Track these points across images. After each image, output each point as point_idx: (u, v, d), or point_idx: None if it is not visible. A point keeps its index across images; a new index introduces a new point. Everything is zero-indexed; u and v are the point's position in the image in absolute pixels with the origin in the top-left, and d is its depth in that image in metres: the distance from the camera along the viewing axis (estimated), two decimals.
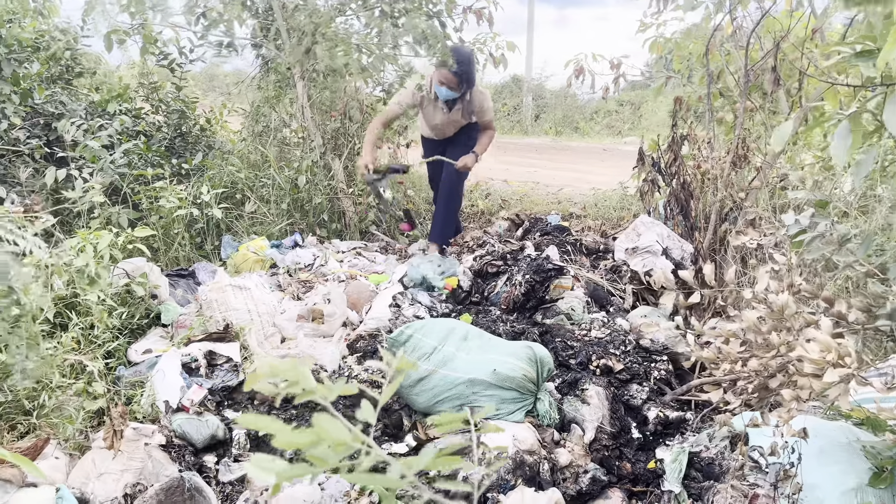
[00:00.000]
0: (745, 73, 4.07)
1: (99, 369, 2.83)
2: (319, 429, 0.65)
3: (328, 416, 0.67)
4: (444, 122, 5.02)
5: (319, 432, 0.65)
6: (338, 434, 0.65)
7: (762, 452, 2.51)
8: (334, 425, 0.65)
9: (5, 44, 4.77)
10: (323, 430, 0.65)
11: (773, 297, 2.20)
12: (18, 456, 1.55)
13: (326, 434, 0.65)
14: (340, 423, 0.66)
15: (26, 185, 4.50)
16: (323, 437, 0.66)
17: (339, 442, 0.66)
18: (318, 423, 0.66)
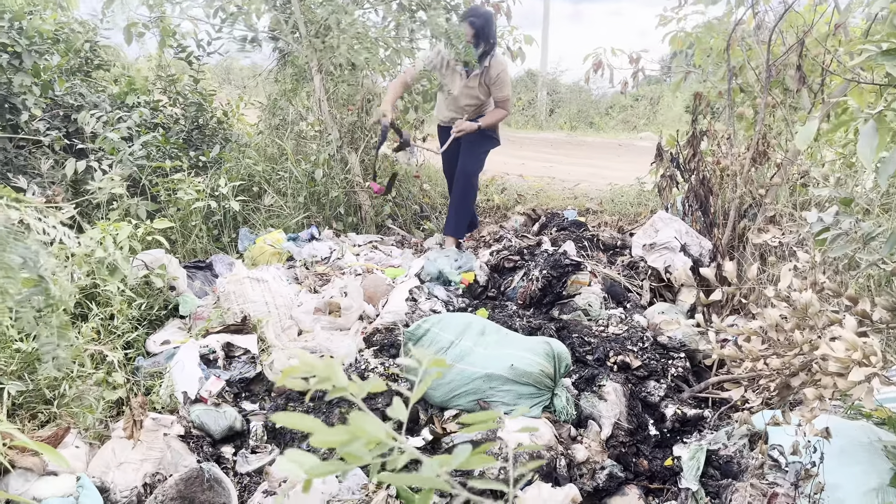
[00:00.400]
0: (766, 69, 4.02)
1: (119, 359, 2.85)
2: (355, 426, 0.65)
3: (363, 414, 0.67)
4: (461, 90, 4.94)
5: (354, 430, 0.65)
6: (374, 432, 0.65)
7: (782, 451, 2.49)
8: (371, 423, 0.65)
9: (26, 36, 4.80)
10: (358, 428, 0.65)
11: (797, 295, 2.17)
12: (42, 444, 1.56)
13: (362, 432, 0.65)
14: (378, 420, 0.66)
15: (47, 177, 4.54)
16: (358, 435, 0.66)
17: (374, 439, 0.66)
18: (354, 421, 0.65)
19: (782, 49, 4.17)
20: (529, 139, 13.47)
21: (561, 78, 18.84)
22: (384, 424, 0.68)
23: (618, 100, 17.28)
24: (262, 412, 3.04)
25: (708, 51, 5.02)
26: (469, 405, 2.88)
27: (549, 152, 11.56)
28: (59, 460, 1.54)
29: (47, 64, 4.97)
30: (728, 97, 4.56)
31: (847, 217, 2.40)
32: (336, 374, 0.74)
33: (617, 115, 17.17)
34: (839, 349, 1.86)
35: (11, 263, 1.27)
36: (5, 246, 1.25)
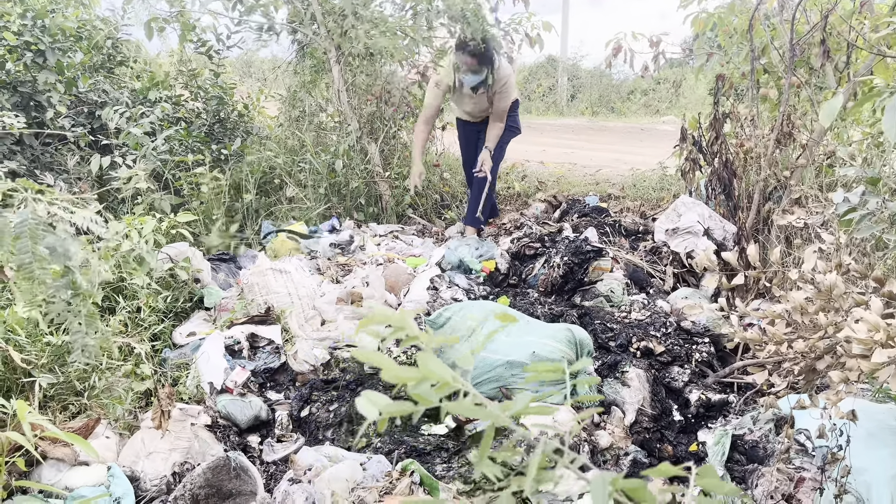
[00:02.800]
0: (790, 48, 3.94)
1: (146, 351, 2.90)
2: (424, 368, 0.69)
3: (432, 356, 0.71)
4: (473, 108, 4.99)
5: (425, 371, 0.70)
6: (442, 373, 0.69)
7: (808, 435, 2.46)
8: (438, 365, 0.69)
9: (49, 33, 4.86)
10: (428, 370, 0.69)
11: (821, 278, 2.14)
12: (74, 435, 1.60)
13: (431, 373, 0.70)
14: (443, 364, 0.70)
15: (73, 173, 4.61)
16: (428, 376, 0.70)
17: (443, 381, 0.70)
18: (423, 363, 0.70)
19: (806, 28, 4.09)
20: (550, 125, 13.37)
21: (582, 63, 18.65)
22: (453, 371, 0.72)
23: (639, 84, 17.06)
24: (286, 401, 3.07)
25: (731, 32, 4.93)
26: (491, 392, 2.89)
27: (570, 138, 11.47)
28: (89, 451, 1.58)
29: (71, 61, 5.04)
30: (751, 78, 4.48)
31: (874, 197, 2.36)
32: (409, 323, 0.79)
33: (639, 99, 16.96)
34: (862, 331, 1.84)
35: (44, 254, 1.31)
36: (37, 238, 1.29)
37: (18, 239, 1.34)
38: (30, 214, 1.32)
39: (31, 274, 1.29)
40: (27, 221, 1.29)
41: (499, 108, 4.89)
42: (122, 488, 2.30)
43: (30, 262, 1.28)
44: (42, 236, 1.31)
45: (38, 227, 1.31)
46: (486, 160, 4.89)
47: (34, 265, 1.28)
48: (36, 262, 1.28)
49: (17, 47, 4.70)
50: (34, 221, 1.30)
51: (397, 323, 0.78)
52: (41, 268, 1.29)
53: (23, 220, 1.28)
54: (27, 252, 1.28)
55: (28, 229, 1.28)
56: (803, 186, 4.05)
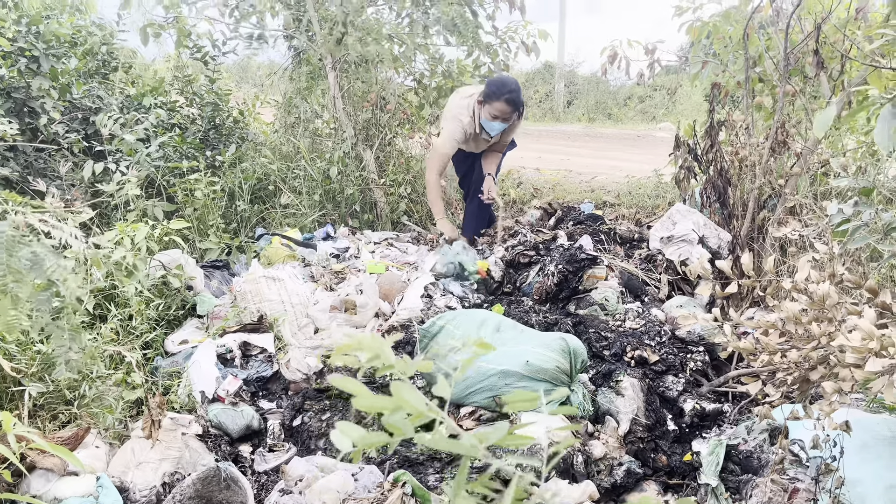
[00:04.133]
0: (784, 57, 3.95)
1: (137, 360, 2.88)
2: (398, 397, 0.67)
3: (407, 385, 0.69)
4: (485, 148, 4.92)
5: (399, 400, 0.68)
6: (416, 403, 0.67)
7: (803, 446, 2.45)
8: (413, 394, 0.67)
9: (44, 40, 4.85)
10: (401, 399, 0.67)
11: (814, 287, 2.14)
12: (60, 447, 1.58)
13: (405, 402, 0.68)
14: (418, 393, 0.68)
15: (66, 179, 4.60)
16: (401, 405, 0.69)
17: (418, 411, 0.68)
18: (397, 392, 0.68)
19: (801, 37, 4.10)
20: (547, 132, 13.40)
21: (578, 69, 18.72)
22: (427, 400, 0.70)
23: (636, 90, 17.12)
24: (279, 410, 3.05)
25: (726, 40, 4.95)
26: (485, 402, 2.87)
27: (567, 145, 11.49)
28: (76, 462, 1.56)
29: (65, 67, 5.03)
30: (746, 86, 4.49)
31: (867, 207, 2.36)
32: (384, 350, 0.77)
33: (635, 105, 17.00)
34: (855, 339, 1.83)
35: (20, 268, 1.29)
36: (13, 251, 1.27)
37: None
38: (8, 227, 1.30)
39: (4, 287, 1.27)
40: (4, 234, 1.28)
41: (501, 142, 4.87)
42: (111, 499, 2.28)
43: (3, 274, 1.26)
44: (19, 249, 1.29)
45: (15, 240, 1.29)
46: (491, 187, 4.83)
47: (7, 278, 1.26)
48: (10, 274, 1.27)
49: (11, 53, 4.69)
50: (12, 234, 1.28)
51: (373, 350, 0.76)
52: (15, 281, 1.27)
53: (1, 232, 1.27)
54: (1, 265, 1.26)
55: (4, 241, 1.27)
56: (798, 195, 4.05)
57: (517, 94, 4.39)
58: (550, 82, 18.01)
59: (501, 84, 4.39)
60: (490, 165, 4.93)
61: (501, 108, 4.38)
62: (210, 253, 4.56)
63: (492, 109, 4.42)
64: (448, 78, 6.00)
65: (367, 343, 0.77)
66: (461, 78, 5.99)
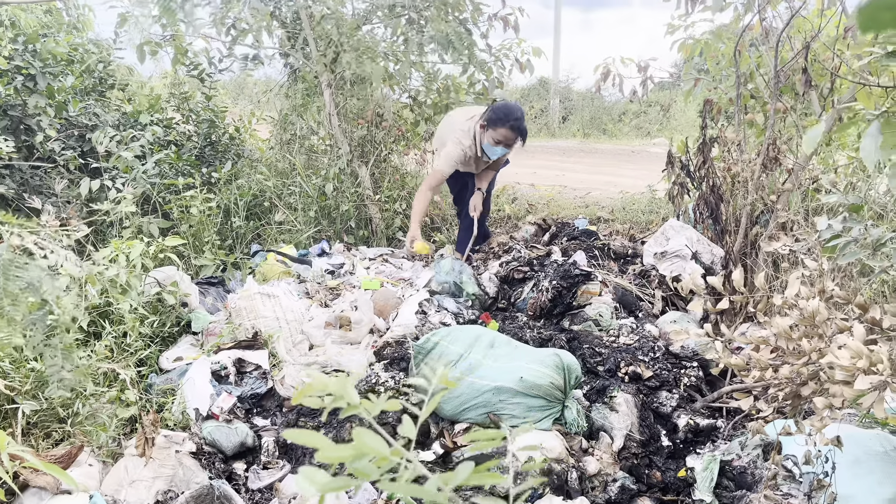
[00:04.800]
0: (775, 74, 4.00)
1: (131, 377, 2.88)
2: (360, 443, 0.68)
3: (369, 431, 0.70)
4: (473, 169, 4.95)
5: (360, 447, 0.68)
6: (378, 448, 0.68)
7: (795, 461, 2.46)
8: (375, 440, 0.68)
9: (40, 58, 4.89)
10: (364, 445, 0.68)
11: (804, 303, 2.15)
12: (52, 466, 1.59)
13: (368, 448, 0.68)
14: (381, 437, 0.68)
15: (61, 196, 4.61)
16: (364, 452, 0.69)
17: (381, 456, 0.69)
18: (359, 438, 0.68)
19: (791, 54, 4.15)
20: (542, 147, 13.47)
21: (573, 85, 18.85)
22: (392, 440, 0.70)
23: (630, 106, 17.23)
24: (273, 428, 3.05)
25: (717, 57, 5.00)
26: (479, 418, 2.87)
27: (562, 160, 11.55)
28: (68, 481, 1.56)
29: (62, 85, 5.06)
30: (738, 103, 4.54)
31: (857, 223, 2.38)
32: (348, 392, 0.78)
33: (630, 121, 17.11)
34: (844, 357, 1.84)
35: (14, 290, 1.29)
36: (9, 274, 1.28)
37: None
38: (4, 250, 1.31)
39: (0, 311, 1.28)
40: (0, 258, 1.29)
41: (497, 161, 4.89)
42: None
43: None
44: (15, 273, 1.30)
45: (12, 264, 1.30)
46: (477, 204, 4.88)
47: (3, 301, 1.27)
48: (6, 297, 1.28)
49: (8, 71, 4.72)
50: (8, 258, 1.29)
51: (337, 391, 0.76)
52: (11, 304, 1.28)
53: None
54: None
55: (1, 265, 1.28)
56: (790, 211, 4.08)
57: (522, 121, 4.43)
58: (546, 98, 18.12)
59: (508, 111, 4.41)
60: (482, 182, 4.96)
61: (506, 134, 4.41)
62: (205, 269, 4.57)
63: (496, 135, 4.44)
64: (444, 94, 6.04)
65: (331, 385, 0.77)
66: (456, 95, 6.03)
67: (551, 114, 17.54)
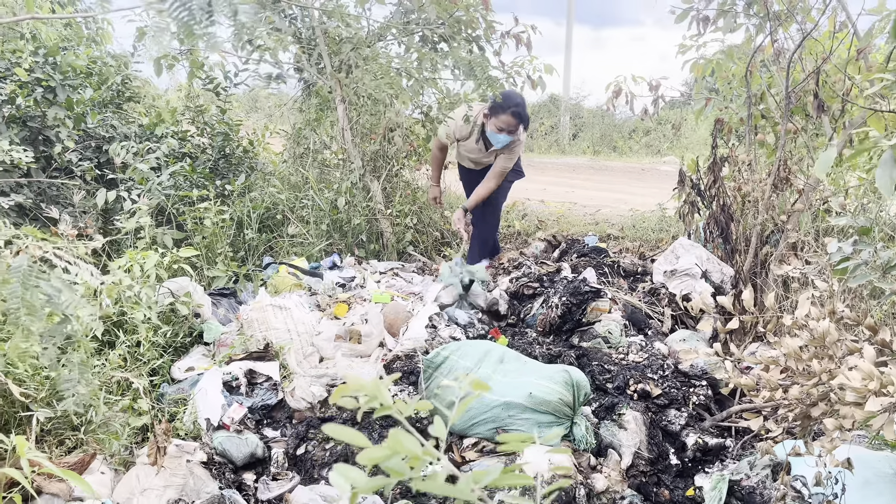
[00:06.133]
0: (786, 95, 4.02)
1: (144, 386, 2.91)
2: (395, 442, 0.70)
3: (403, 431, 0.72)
4: (477, 156, 5.13)
5: (395, 446, 0.70)
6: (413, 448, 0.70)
7: (805, 482, 2.46)
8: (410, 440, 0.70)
9: (60, 70, 4.97)
10: (399, 444, 0.70)
11: (814, 324, 2.17)
12: (68, 471, 1.61)
13: (401, 447, 0.70)
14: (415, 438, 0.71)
15: (78, 207, 4.67)
16: (398, 451, 0.71)
17: (414, 455, 0.70)
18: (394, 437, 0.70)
19: (802, 76, 4.18)
20: (552, 164, 13.51)
21: (584, 102, 18.92)
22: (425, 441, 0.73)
23: (641, 124, 17.26)
24: (283, 439, 3.07)
25: (729, 77, 5.03)
26: (488, 433, 2.88)
27: (572, 177, 11.58)
28: (85, 488, 1.58)
29: (80, 97, 5.14)
30: (748, 123, 4.56)
31: (867, 246, 2.39)
32: (383, 393, 0.80)
33: (640, 139, 17.14)
34: (855, 379, 1.85)
35: (35, 302, 1.32)
36: (28, 285, 1.31)
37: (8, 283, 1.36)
38: (25, 262, 1.34)
39: (17, 321, 1.31)
40: (21, 268, 1.32)
41: (500, 167, 4.96)
42: None
43: (17, 307, 1.30)
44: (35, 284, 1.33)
45: (32, 275, 1.33)
46: (458, 219, 5.00)
47: (21, 311, 1.30)
48: (24, 307, 1.30)
49: (28, 83, 4.80)
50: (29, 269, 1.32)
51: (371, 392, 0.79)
52: (28, 314, 1.31)
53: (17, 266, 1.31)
54: (16, 298, 1.30)
55: (21, 275, 1.31)
56: (800, 231, 4.09)
57: (522, 107, 4.66)
58: (556, 115, 18.19)
59: (507, 98, 4.61)
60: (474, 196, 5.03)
61: (507, 120, 4.61)
62: (218, 281, 4.61)
63: (498, 122, 4.65)
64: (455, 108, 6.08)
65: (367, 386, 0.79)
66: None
67: (561, 131, 17.60)
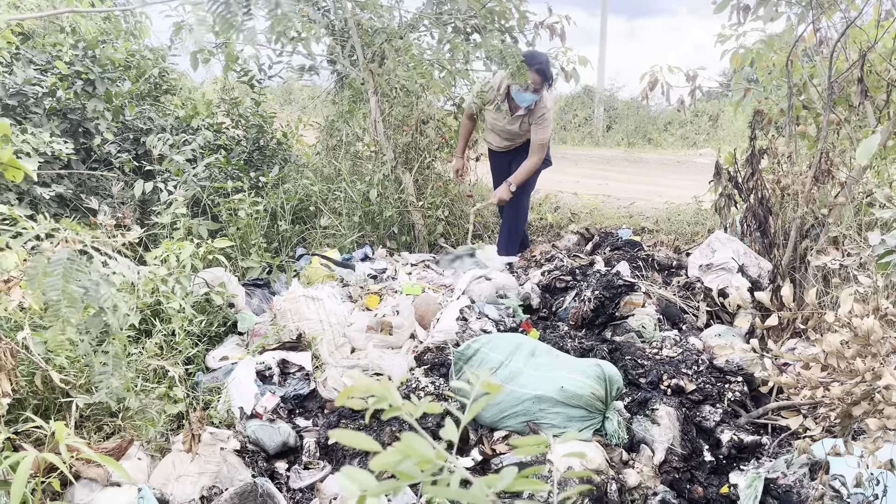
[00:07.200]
0: (829, 85, 3.91)
1: (179, 375, 2.95)
2: (406, 445, 0.69)
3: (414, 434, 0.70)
4: (502, 127, 5.09)
5: (406, 449, 0.69)
6: (424, 451, 0.68)
7: (844, 482, 2.40)
8: (421, 443, 0.69)
9: (99, 63, 5.06)
10: (410, 447, 0.68)
11: (858, 322, 2.10)
12: (108, 458, 1.64)
13: (413, 451, 0.69)
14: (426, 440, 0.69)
15: (117, 197, 4.76)
16: (409, 454, 0.69)
17: (425, 459, 0.69)
18: (405, 440, 0.69)
19: (846, 65, 4.06)
20: (585, 156, 13.37)
21: (618, 94, 18.69)
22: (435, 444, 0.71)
23: (676, 115, 16.98)
24: (315, 428, 3.10)
25: (769, 67, 4.91)
26: (519, 426, 2.87)
27: (605, 169, 11.45)
28: (122, 474, 1.61)
29: (119, 90, 5.22)
30: (789, 114, 4.45)
31: None
32: (392, 394, 0.79)
33: (676, 131, 16.88)
34: None
35: (74, 294, 1.34)
36: (70, 278, 1.33)
37: (50, 276, 1.38)
38: (66, 254, 1.36)
39: (58, 313, 1.33)
40: (62, 261, 1.34)
41: (537, 140, 4.91)
42: None
43: (58, 300, 1.32)
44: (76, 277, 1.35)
45: (73, 268, 1.35)
46: (500, 193, 4.99)
47: (62, 303, 1.32)
48: (64, 299, 1.32)
49: (69, 76, 4.89)
50: (70, 262, 1.34)
51: (380, 393, 0.77)
52: (68, 306, 1.33)
53: (58, 258, 1.33)
54: (57, 290, 1.32)
55: (62, 268, 1.33)
56: (841, 225, 3.98)
57: (547, 65, 4.76)
58: (590, 106, 18.00)
59: (531, 56, 4.69)
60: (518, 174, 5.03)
61: (533, 77, 4.65)
62: (251, 271, 4.66)
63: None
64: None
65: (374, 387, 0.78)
66: None
67: (595, 122, 17.42)
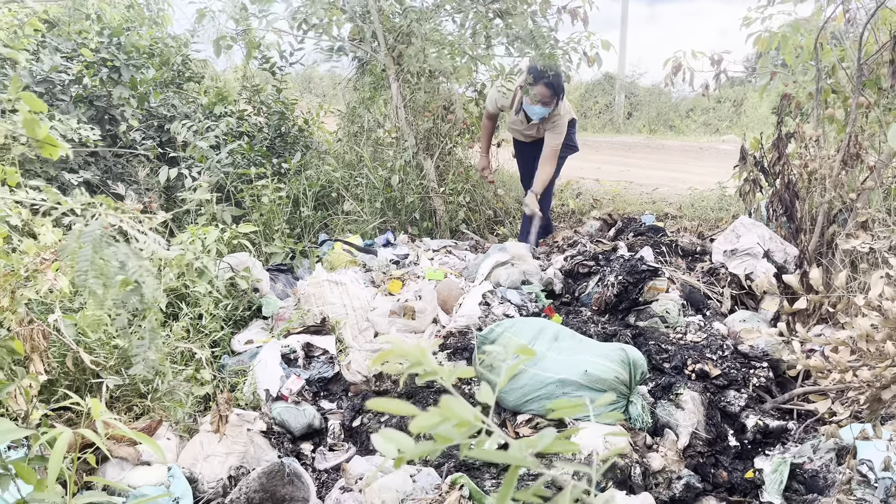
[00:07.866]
0: (858, 68, 3.84)
1: (206, 357, 3.00)
2: (445, 408, 0.69)
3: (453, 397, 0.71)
4: (521, 129, 5.18)
5: (445, 412, 0.69)
6: (463, 413, 0.69)
7: (871, 467, 2.38)
8: (460, 405, 0.69)
9: (124, 51, 5.10)
10: (449, 410, 0.69)
11: (889, 305, 2.08)
12: (143, 435, 1.67)
13: (452, 413, 0.69)
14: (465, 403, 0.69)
15: (143, 184, 4.82)
16: (448, 417, 0.69)
17: (464, 421, 0.69)
18: (444, 404, 0.69)
19: (875, 47, 3.98)
20: (607, 143, 13.27)
21: (640, 80, 18.47)
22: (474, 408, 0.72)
23: (699, 102, 16.77)
24: (339, 411, 3.13)
25: (797, 50, 4.82)
26: (542, 410, 2.87)
27: (627, 156, 11.36)
28: (157, 451, 1.64)
29: (143, 77, 5.27)
30: (817, 98, 4.38)
31: None
32: (427, 359, 0.78)
33: (698, 117, 16.68)
34: None
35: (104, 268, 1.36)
36: (99, 250, 1.35)
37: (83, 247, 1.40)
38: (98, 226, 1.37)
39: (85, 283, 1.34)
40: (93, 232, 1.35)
41: (550, 148, 4.96)
42: (181, 489, 2.38)
43: (86, 269, 1.34)
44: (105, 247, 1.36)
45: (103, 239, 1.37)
46: (531, 203, 5.02)
47: (89, 273, 1.34)
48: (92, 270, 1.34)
49: (94, 63, 4.95)
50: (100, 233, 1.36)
51: (415, 358, 0.77)
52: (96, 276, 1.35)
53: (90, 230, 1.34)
54: (86, 261, 1.34)
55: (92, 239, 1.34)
56: (870, 210, 3.92)
57: (557, 77, 4.74)
58: (611, 93, 17.83)
59: (540, 71, 4.69)
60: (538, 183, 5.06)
61: (542, 91, 4.69)
62: (275, 257, 4.70)
63: (532, 95, 4.72)
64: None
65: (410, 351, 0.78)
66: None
67: (616, 109, 17.25)
